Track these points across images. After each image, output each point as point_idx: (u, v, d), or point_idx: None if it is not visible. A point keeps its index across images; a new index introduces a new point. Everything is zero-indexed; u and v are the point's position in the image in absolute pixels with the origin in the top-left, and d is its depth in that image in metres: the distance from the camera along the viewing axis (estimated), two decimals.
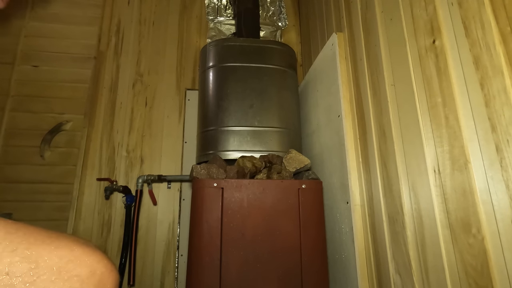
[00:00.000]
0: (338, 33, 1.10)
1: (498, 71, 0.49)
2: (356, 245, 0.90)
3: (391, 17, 0.81)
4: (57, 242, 0.27)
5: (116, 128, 1.60)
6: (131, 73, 1.69)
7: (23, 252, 0.25)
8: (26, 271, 0.24)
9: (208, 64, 1.27)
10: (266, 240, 0.91)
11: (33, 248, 0.25)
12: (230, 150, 1.12)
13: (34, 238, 0.26)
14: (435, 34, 0.64)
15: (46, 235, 0.27)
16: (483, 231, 0.51)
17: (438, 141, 0.62)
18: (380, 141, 0.85)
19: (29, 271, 0.24)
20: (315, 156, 1.24)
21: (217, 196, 0.92)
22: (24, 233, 0.26)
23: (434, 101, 0.64)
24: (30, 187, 1.47)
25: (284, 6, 1.90)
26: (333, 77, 1.09)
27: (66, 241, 0.28)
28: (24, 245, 0.25)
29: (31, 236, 0.26)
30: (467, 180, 0.55)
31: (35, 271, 0.25)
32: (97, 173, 1.53)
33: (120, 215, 1.50)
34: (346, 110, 1.01)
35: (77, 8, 1.72)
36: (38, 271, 0.25)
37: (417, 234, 0.68)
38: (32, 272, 0.24)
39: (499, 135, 0.49)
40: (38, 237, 0.26)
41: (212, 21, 1.81)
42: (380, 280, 0.83)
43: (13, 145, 1.50)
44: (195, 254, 0.89)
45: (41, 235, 0.27)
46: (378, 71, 0.86)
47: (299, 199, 0.95)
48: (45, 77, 1.60)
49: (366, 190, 0.91)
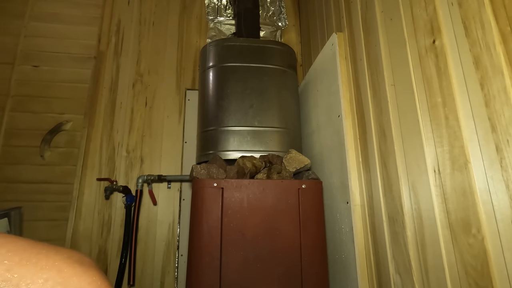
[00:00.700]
0: (338, 33, 1.10)
1: (498, 71, 0.49)
2: (356, 245, 0.90)
3: (391, 17, 0.81)
4: (45, 261, 0.24)
5: (116, 128, 1.60)
6: (131, 73, 1.69)
7: (3, 274, 0.22)
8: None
9: (208, 64, 1.27)
10: (266, 240, 0.91)
11: (15, 269, 0.23)
12: (230, 150, 1.12)
13: (19, 257, 0.23)
14: (435, 34, 0.64)
15: (34, 252, 0.24)
16: (483, 231, 0.51)
17: (438, 141, 0.62)
18: (380, 141, 0.85)
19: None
20: (315, 156, 1.24)
21: (217, 196, 0.92)
22: (8, 251, 0.23)
23: (434, 101, 0.64)
24: (30, 187, 1.47)
25: (284, 6, 1.90)
26: (333, 77, 1.09)
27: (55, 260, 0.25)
28: (5, 266, 0.22)
29: (15, 254, 0.23)
30: (467, 180, 0.55)
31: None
32: (97, 173, 1.53)
33: (120, 215, 1.50)
34: (346, 110, 1.01)
35: (77, 8, 1.72)
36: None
37: (417, 234, 0.68)
38: None
39: (499, 135, 0.49)
40: (23, 256, 0.24)
41: (212, 21, 1.81)
42: (380, 280, 0.83)
43: (13, 145, 1.50)
44: (195, 254, 0.89)
45: (27, 252, 0.24)
46: (378, 71, 0.86)
47: (299, 199, 0.95)
48: (45, 77, 1.60)
49: (366, 190, 0.91)
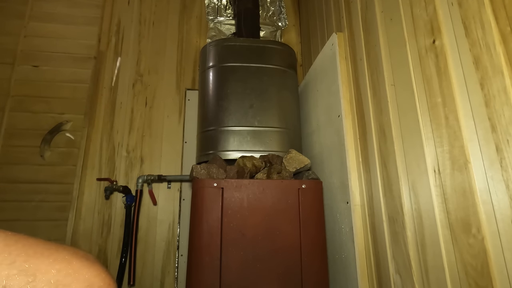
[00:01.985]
0: (338, 33, 1.10)
1: (498, 71, 0.49)
2: (356, 245, 0.90)
3: (391, 17, 0.81)
4: (56, 254, 0.27)
5: (116, 128, 1.60)
6: (131, 73, 1.69)
7: (21, 265, 0.25)
8: (24, 284, 0.24)
9: (208, 64, 1.27)
10: (266, 240, 0.91)
11: (31, 261, 0.25)
12: (230, 150, 1.12)
13: (33, 250, 0.26)
14: (435, 34, 0.64)
15: (45, 247, 0.27)
16: (483, 231, 0.51)
17: (438, 141, 0.62)
18: (380, 141, 0.85)
19: (26, 284, 0.24)
20: (315, 156, 1.24)
21: (217, 196, 0.92)
22: (23, 245, 0.26)
23: (434, 101, 0.64)
24: (30, 187, 1.47)
25: (284, 6, 1.90)
26: (333, 77, 1.09)
27: (65, 254, 0.28)
28: (22, 257, 0.25)
29: (30, 248, 0.26)
30: (467, 180, 0.55)
31: (33, 284, 0.24)
32: (97, 173, 1.53)
33: (120, 215, 1.50)
34: (346, 110, 1.01)
35: (77, 8, 1.72)
36: (35, 284, 0.25)
37: (417, 234, 0.68)
38: (29, 285, 0.24)
39: (499, 135, 0.49)
40: (37, 250, 0.26)
41: (212, 21, 1.81)
42: (380, 280, 0.83)
43: (13, 145, 1.50)
44: (195, 254, 0.89)
45: (40, 247, 0.27)
46: (378, 71, 0.86)
47: (299, 199, 0.95)
48: (45, 77, 1.60)
49: (366, 190, 0.91)
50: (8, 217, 1.42)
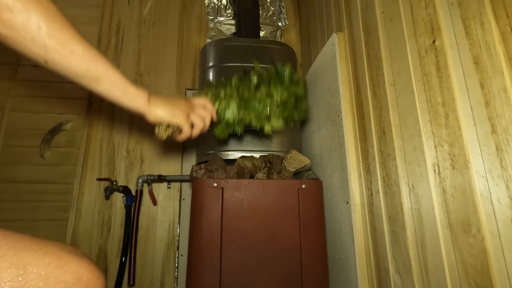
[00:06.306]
0: (338, 33, 1.10)
1: (498, 71, 0.49)
2: (356, 245, 0.90)
3: (391, 17, 0.81)
4: (45, 248, 0.27)
5: (116, 128, 1.60)
6: (131, 73, 1.69)
7: (11, 258, 0.25)
8: (15, 276, 0.24)
9: (208, 64, 1.27)
10: (266, 240, 0.91)
11: (21, 254, 0.26)
12: (230, 150, 1.12)
13: (22, 244, 0.26)
14: (435, 34, 0.64)
15: (35, 242, 0.27)
16: (483, 231, 0.51)
17: (438, 141, 0.62)
18: (380, 141, 0.85)
19: (17, 276, 0.25)
20: (315, 156, 1.24)
21: (217, 196, 0.92)
22: (12, 240, 0.26)
23: (434, 101, 0.64)
24: (30, 187, 1.47)
25: (284, 6, 1.90)
26: (333, 77, 1.09)
27: (54, 248, 0.28)
28: (12, 251, 0.25)
29: (19, 242, 0.26)
30: (467, 180, 0.55)
31: (24, 276, 0.25)
32: (97, 173, 1.53)
33: (120, 215, 1.50)
34: (346, 110, 1.01)
35: (77, 8, 1.72)
36: (26, 277, 0.25)
37: (417, 234, 0.68)
38: (20, 277, 0.25)
39: (499, 135, 0.49)
40: (26, 244, 0.27)
41: (212, 21, 1.81)
42: (380, 280, 0.83)
43: (13, 145, 1.50)
44: (195, 254, 0.89)
45: (30, 241, 0.27)
46: (378, 71, 0.86)
47: (299, 199, 0.95)
48: (45, 77, 1.60)
49: (366, 190, 0.91)
50: (8, 217, 1.42)
